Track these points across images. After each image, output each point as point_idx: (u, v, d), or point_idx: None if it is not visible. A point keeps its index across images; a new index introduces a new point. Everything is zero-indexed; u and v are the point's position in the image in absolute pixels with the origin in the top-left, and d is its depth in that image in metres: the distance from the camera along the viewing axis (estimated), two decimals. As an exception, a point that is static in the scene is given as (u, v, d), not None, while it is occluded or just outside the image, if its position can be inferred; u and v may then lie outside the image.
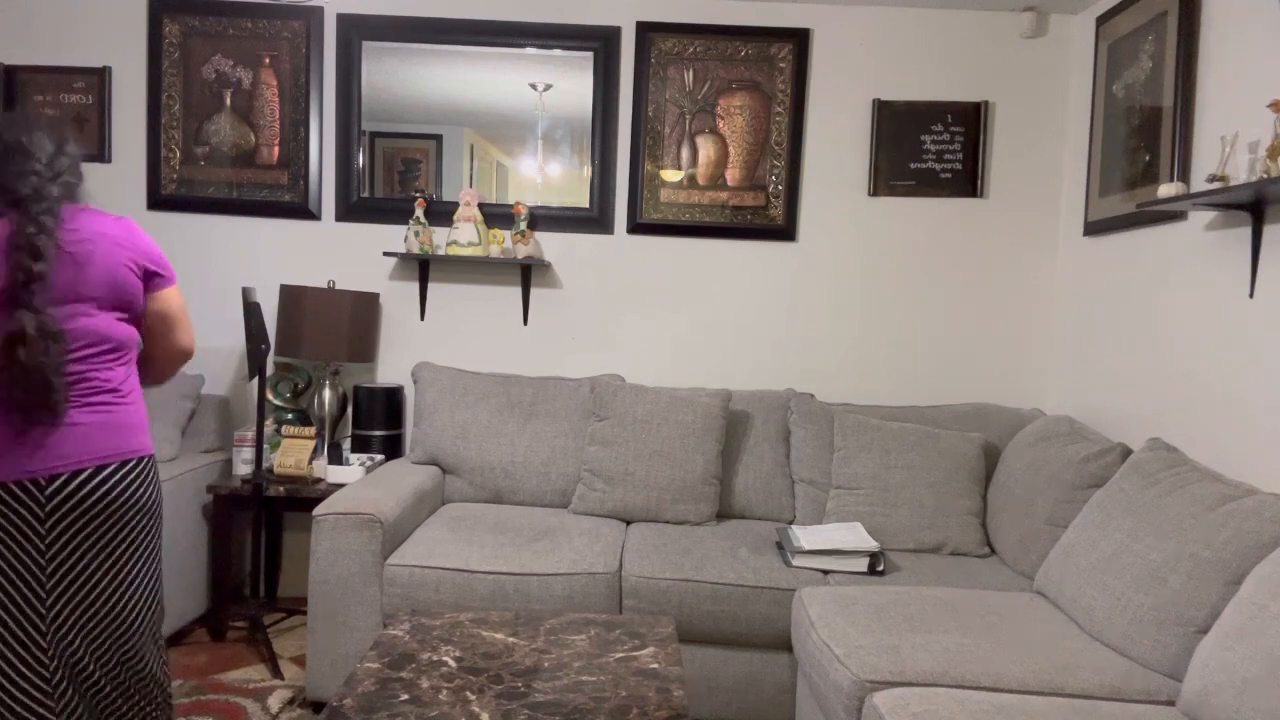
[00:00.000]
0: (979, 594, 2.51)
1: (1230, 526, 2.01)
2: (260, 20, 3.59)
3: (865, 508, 3.05)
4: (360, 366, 3.68)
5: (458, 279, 3.68)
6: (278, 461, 3.24)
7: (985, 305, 3.63)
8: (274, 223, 3.65)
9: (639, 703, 1.79)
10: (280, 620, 3.44)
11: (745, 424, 3.37)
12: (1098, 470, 2.64)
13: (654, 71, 3.57)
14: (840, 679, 2.06)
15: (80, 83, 3.60)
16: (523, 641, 2.08)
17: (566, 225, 3.65)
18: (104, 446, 1.80)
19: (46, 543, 1.75)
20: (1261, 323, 2.38)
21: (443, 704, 1.75)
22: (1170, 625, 2.02)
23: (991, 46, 3.57)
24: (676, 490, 3.16)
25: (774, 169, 3.59)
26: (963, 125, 3.55)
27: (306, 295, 3.37)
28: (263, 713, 2.70)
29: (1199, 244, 2.67)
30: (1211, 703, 1.79)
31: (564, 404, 3.41)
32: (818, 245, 3.63)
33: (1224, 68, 2.57)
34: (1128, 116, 3.04)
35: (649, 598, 2.69)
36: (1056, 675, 2.02)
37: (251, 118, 3.62)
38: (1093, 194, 3.29)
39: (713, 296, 3.66)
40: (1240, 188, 2.21)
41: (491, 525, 2.98)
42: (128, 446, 1.84)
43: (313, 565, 2.71)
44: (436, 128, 3.62)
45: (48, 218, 1.74)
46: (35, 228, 1.71)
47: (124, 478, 1.82)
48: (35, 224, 1.72)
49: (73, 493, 1.76)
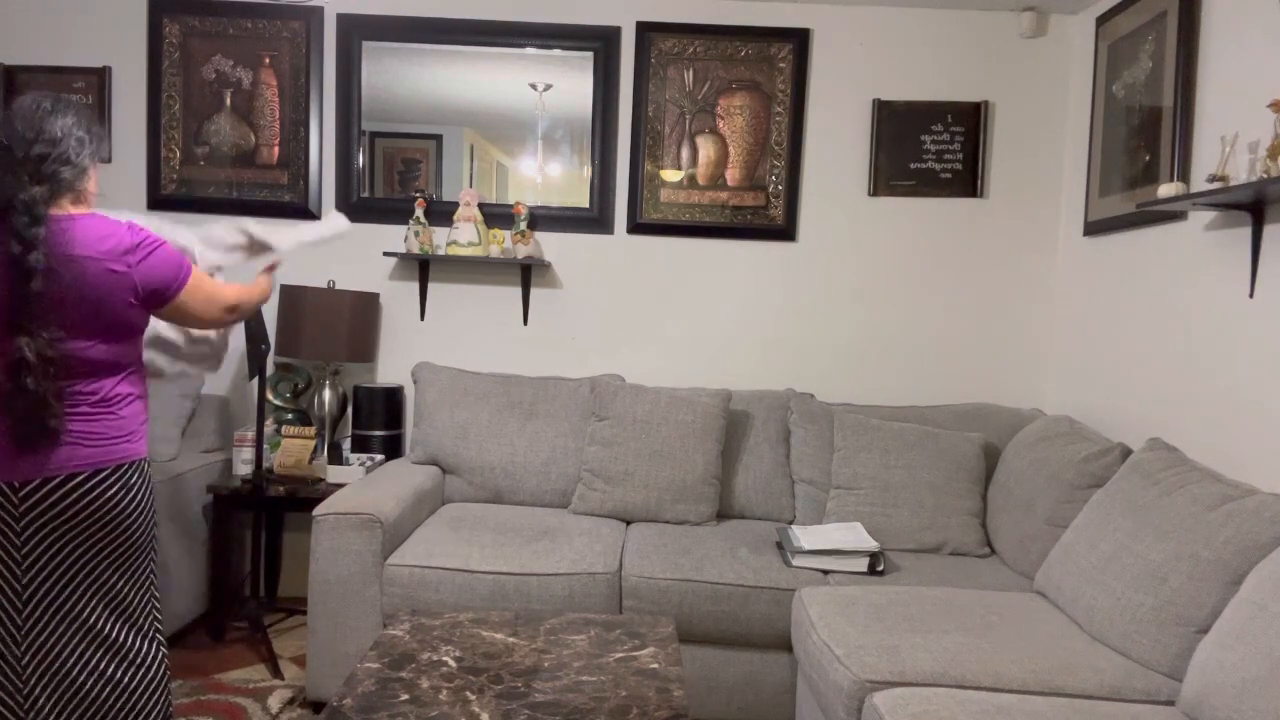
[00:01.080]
0: (979, 594, 2.51)
1: (1230, 526, 2.00)
2: (260, 20, 3.59)
3: (865, 508, 3.05)
4: (360, 366, 3.68)
5: (458, 279, 3.68)
6: (278, 461, 3.24)
7: (985, 305, 3.63)
8: (274, 223, 3.64)
9: (639, 703, 1.79)
10: (280, 620, 3.44)
11: (745, 424, 3.37)
12: (1098, 470, 2.64)
13: (654, 71, 3.57)
14: (840, 679, 2.06)
15: (80, 83, 3.60)
16: (523, 641, 2.08)
17: (566, 225, 3.65)
18: (82, 455, 1.77)
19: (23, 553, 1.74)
20: (1261, 323, 2.38)
21: (443, 704, 1.75)
22: (1170, 625, 2.02)
23: (991, 46, 3.57)
24: (676, 490, 3.16)
25: (774, 169, 3.59)
26: (963, 125, 3.55)
27: (306, 295, 3.37)
28: (263, 713, 2.70)
29: (1199, 244, 2.67)
30: (1211, 703, 1.79)
31: (564, 404, 3.41)
32: (818, 245, 3.63)
33: (1224, 68, 2.57)
34: (1128, 116, 3.04)
35: (649, 598, 2.69)
36: (1056, 675, 2.02)
37: (251, 118, 3.62)
38: (1093, 194, 3.29)
39: (713, 296, 3.66)
40: (1240, 188, 2.21)
41: (491, 525, 2.98)
42: (107, 456, 1.80)
43: (313, 565, 2.71)
44: (436, 128, 3.62)
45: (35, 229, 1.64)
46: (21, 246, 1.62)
47: (98, 484, 1.78)
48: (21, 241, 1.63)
49: (43, 498, 1.73)
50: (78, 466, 1.76)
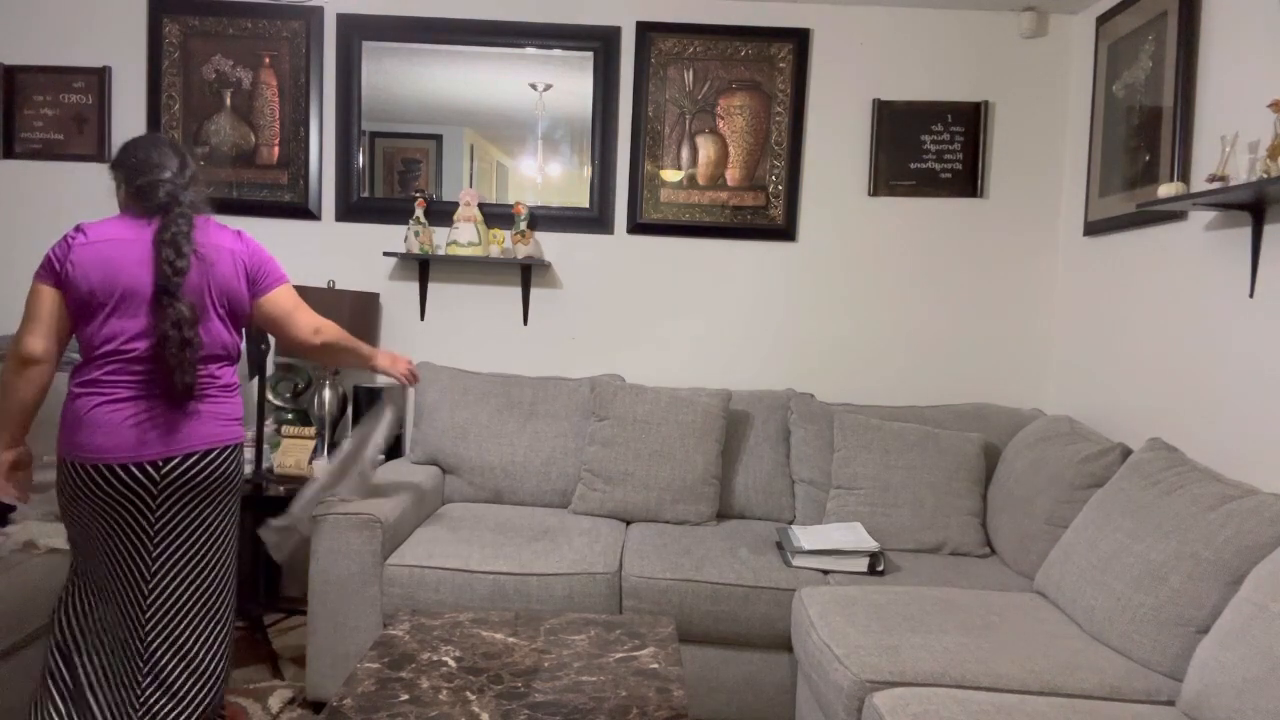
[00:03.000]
0: (979, 594, 2.51)
1: (1230, 526, 2.00)
2: (260, 20, 3.59)
3: (865, 508, 3.05)
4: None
5: (458, 279, 3.68)
6: (278, 461, 3.24)
7: (985, 305, 3.63)
8: (274, 223, 3.65)
9: (639, 703, 1.79)
10: (280, 620, 3.44)
11: (745, 424, 3.37)
12: (1098, 470, 2.64)
13: (654, 71, 3.57)
14: (840, 679, 2.06)
15: (80, 83, 3.60)
16: (523, 642, 2.08)
17: (566, 225, 3.65)
18: (214, 434, 2.12)
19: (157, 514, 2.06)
20: (1261, 323, 2.38)
21: (443, 704, 1.75)
22: (1170, 625, 2.02)
23: (991, 46, 3.57)
24: (676, 490, 3.16)
25: (774, 169, 3.59)
26: (963, 125, 3.55)
27: (306, 295, 3.35)
28: (263, 713, 2.70)
29: (1199, 244, 2.67)
30: (1211, 703, 1.79)
31: (564, 404, 3.41)
32: (818, 245, 3.63)
33: (1224, 68, 2.57)
34: (1128, 116, 3.04)
35: (649, 598, 2.69)
36: (1056, 675, 2.02)
37: (251, 118, 3.62)
38: (1093, 194, 3.29)
39: (713, 296, 3.66)
40: (1240, 188, 2.21)
41: (491, 525, 2.98)
42: (230, 434, 2.16)
43: (313, 565, 2.71)
44: (436, 128, 3.62)
45: (184, 221, 2.02)
46: (175, 228, 2.00)
47: (223, 460, 2.14)
48: (175, 225, 2.00)
49: (184, 472, 2.07)
50: (210, 443, 2.10)
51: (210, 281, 2.08)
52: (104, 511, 2.03)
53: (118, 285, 1.99)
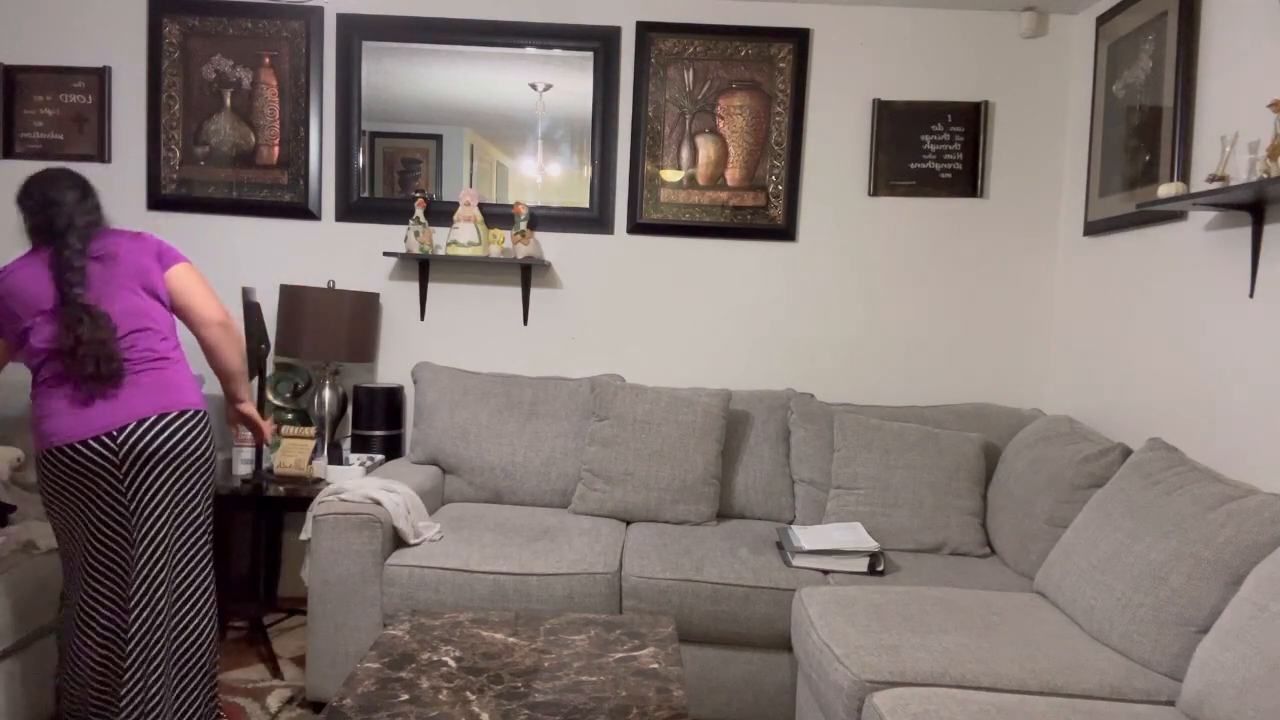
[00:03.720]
0: (979, 594, 2.51)
1: (1230, 526, 2.00)
2: (260, 20, 3.59)
3: (865, 508, 3.05)
4: (360, 366, 3.68)
5: (458, 279, 3.68)
6: (278, 461, 3.24)
7: (985, 305, 3.63)
8: (274, 223, 3.65)
9: (639, 703, 1.79)
10: (280, 620, 3.44)
11: (745, 424, 3.37)
12: (1098, 470, 2.64)
13: (654, 71, 3.57)
14: (840, 679, 2.06)
15: (80, 83, 3.60)
16: (523, 641, 2.08)
17: (566, 225, 3.65)
18: (160, 401, 2.23)
19: (126, 484, 2.18)
20: (1261, 323, 2.38)
21: (443, 704, 1.75)
22: (1170, 625, 2.02)
23: (991, 46, 3.57)
24: (676, 490, 3.16)
25: (774, 169, 3.59)
26: (963, 125, 3.55)
27: (306, 295, 3.37)
28: (263, 713, 2.70)
29: (1199, 244, 2.67)
30: (1211, 703, 1.79)
31: (564, 404, 3.41)
32: (818, 245, 3.63)
33: (1224, 68, 2.57)
34: (1128, 116, 3.04)
35: (649, 598, 2.69)
36: (1056, 675, 2.02)
37: (251, 118, 3.62)
38: (1093, 194, 3.29)
39: (713, 296, 3.66)
40: (1240, 188, 2.21)
41: (491, 525, 2.98)
42: (180, 399, 2.26)
43: (313, 565, 2.71)
44: (436, 128, 3.62)
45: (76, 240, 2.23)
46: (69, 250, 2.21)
47: (181, 427, 2.24)
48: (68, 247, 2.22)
49: (140, 438, 2.18)
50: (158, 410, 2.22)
51: (116, 272, 2.26)
52: (79, 493, 2.18)
53: (35, 305, 2.23)
